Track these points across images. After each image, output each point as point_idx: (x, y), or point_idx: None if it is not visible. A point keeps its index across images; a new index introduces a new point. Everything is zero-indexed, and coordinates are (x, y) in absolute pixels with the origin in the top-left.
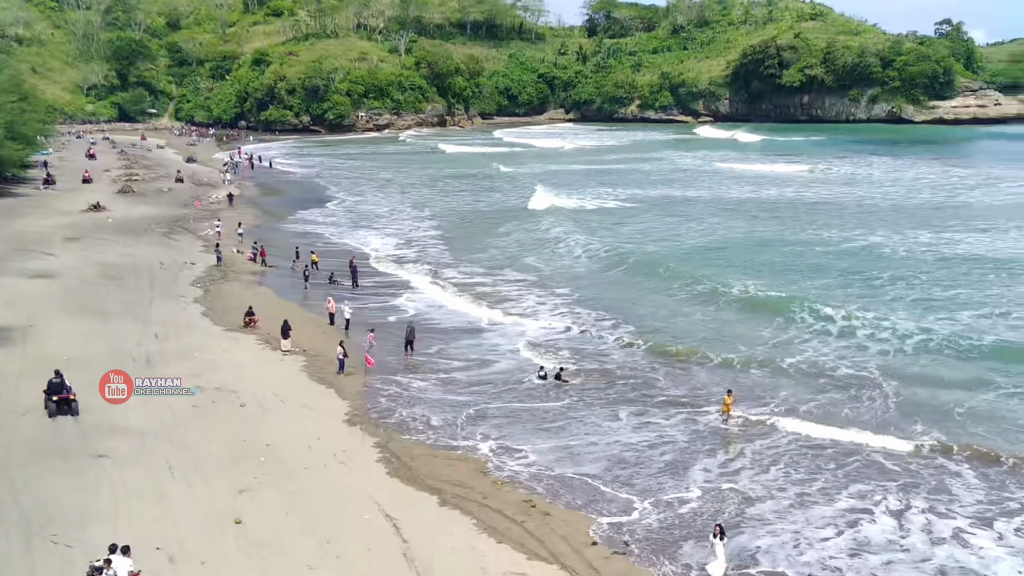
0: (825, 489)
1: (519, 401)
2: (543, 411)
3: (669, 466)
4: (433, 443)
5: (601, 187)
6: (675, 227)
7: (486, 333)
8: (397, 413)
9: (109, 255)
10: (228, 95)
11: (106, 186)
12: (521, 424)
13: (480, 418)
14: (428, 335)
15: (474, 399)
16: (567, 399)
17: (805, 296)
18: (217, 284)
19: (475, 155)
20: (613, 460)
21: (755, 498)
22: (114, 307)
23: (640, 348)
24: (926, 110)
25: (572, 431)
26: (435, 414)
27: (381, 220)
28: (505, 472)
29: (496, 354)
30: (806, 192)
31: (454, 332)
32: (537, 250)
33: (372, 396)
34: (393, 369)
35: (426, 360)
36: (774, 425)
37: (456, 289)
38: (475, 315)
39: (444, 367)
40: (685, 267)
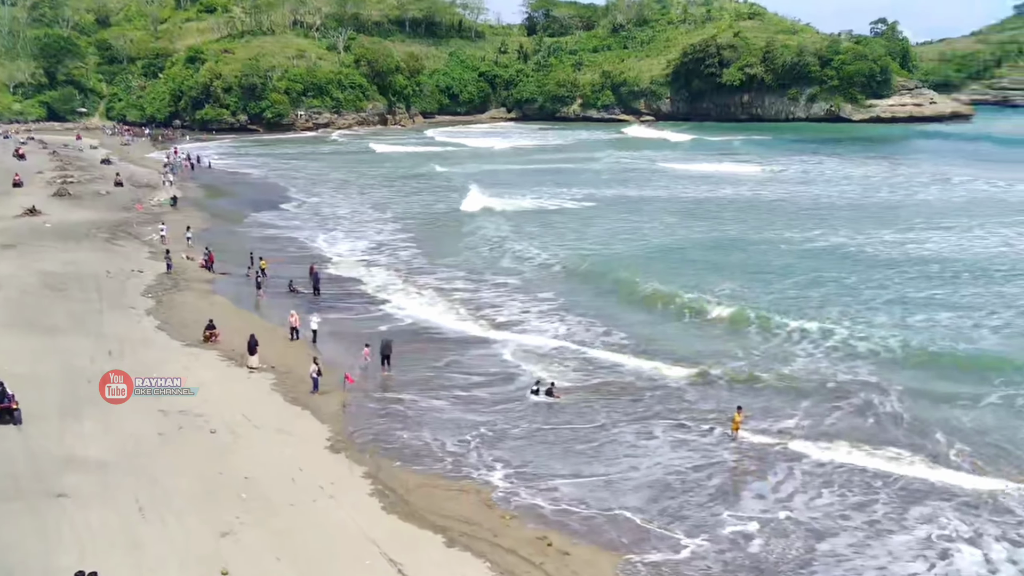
0: (890, 515)
1: (513, 421)
2: (539, 431)
3: (696, 491)
4: (429, 472)
5: (544, 187)
6: (636, 228)
7: (472, 344)
8: (384, 437)
9: (50, 263)
10: (161, 94)
11: (40, 189)
12: (524, 447)
13: (478, 441)
14: (408, 346)
15: (469, 419)
16: (563, 417)
17: (782, 301)
18: (169, 294)
19: (411, 155)
20: (637, 487)
21: (822, 530)
22: (61, 321)
23: (626, 359)
24: (864, 109)
25: (576, 454)
26: (428, 438)
27: (344, 222)
28: (512, 504)
29: (489, 367)
30: (762, 191)
31: (436, 343)
32: (493, 254)
33: (353, 418)
34: (372, 387)
35: (410, 376)
36: (788, 445)
37: (434, 296)
38: (458, 324)
39: (431, 383)
40: (650, 272)
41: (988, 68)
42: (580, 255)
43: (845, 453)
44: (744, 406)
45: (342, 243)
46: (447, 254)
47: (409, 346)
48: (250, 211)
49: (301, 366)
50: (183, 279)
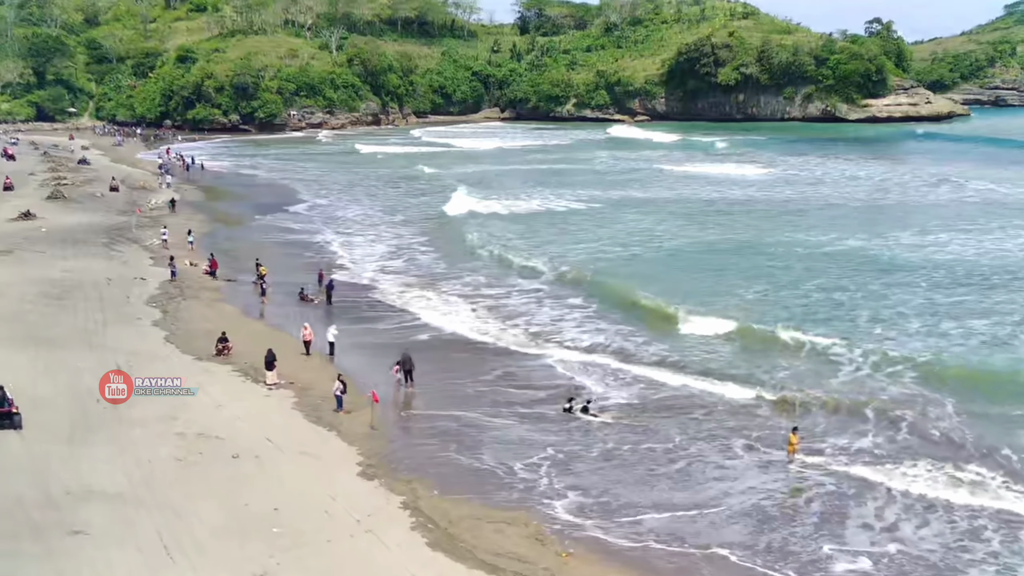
0: (1009, 545)
1: (558, 440)
2: (586, 452)
3: (793, 522)
4: (473, 500)
5: (548, 189)
6: (648, 230)
7: (513, 355)
8: (419, 460)
9: (48, 270)
10: (152, 93)
11: (33, 191)
12: (594, 471)
13: (546, 465)
14: (440, 359)
15: (512, 437)
16: (603, 435)
17: (812, 310)
18: (175, 303)
19: (407, 156)
20: (729, 518)
21: (946, 567)
22: (63, 333)
23: (670, 375)
24: (860, 108)
25: (657, 478)
26: (466, 460)
27: (353, 225)
28: (581, 539)
29: (525, 379)
30: (771, 192)
31: (474, 354)
32: (512, 258)
33: (384, 439)
34: (398, 405)
35: (448, 391)
36: (858, 468)
37: (457, 303)
38: (490, 334)
39: (460, 399)
40: (673, 279)
41: (981, 68)
42: (599, 259)
43: (926, 476)
44: (796, 426)
45: (354, 247)
46: (463, 258)
47: (441, 358)
48: (252, 214)
49: (321, 382)
50: (188, 287)
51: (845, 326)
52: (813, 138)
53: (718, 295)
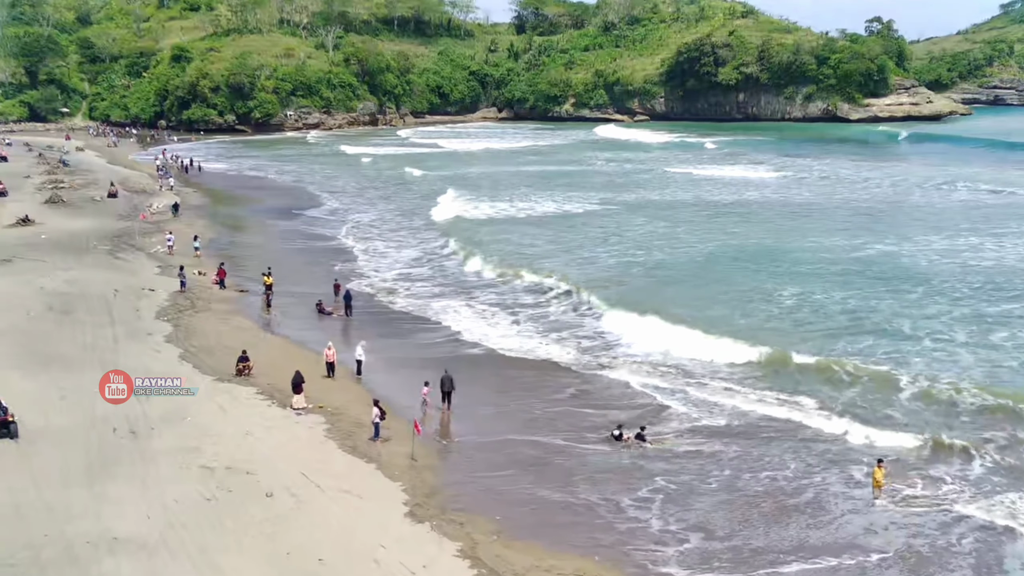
0: None
1: (667, 468)
2: (701, 483)
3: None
4: (549, 546)
5: (558, 192)
6: (669, 233)
7: (566, 370)
8: (473, 497)
9: (51, 280)
10: (146, 93)
11: (30, 195)
12: (690, 506)
13: (626, 498)
14: (479, 376)
15: (600, 464)
16: (643, 458)
17: (854, 321)
18: (187, 316)
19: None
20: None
21: None
22: (74, 352)
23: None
24: (861, 108)
25: (786, 513)
26: (542, 495)
27: (370, 230)
28: None
29: (600, 398)
30: (789, 194)
31: (519, 370)
32: (543, 263)
33: (428, 472)
34: (440, 432)
35: (493, 414)
36: (956, 506)
37: (496, 313)
38: (540, 348)
39: (524, 422)
40: (706, 289)
41: (979, 67)
42: (629, 264)
43: None
44: (881, 458)
45: (373, 253)
46: (491, 263)
47: (490, 377)
48: (259, 218)
49: (352, 405)
50: (199, 298)
51: (896, 345)
52: (815, 139)
53: (755, 309)
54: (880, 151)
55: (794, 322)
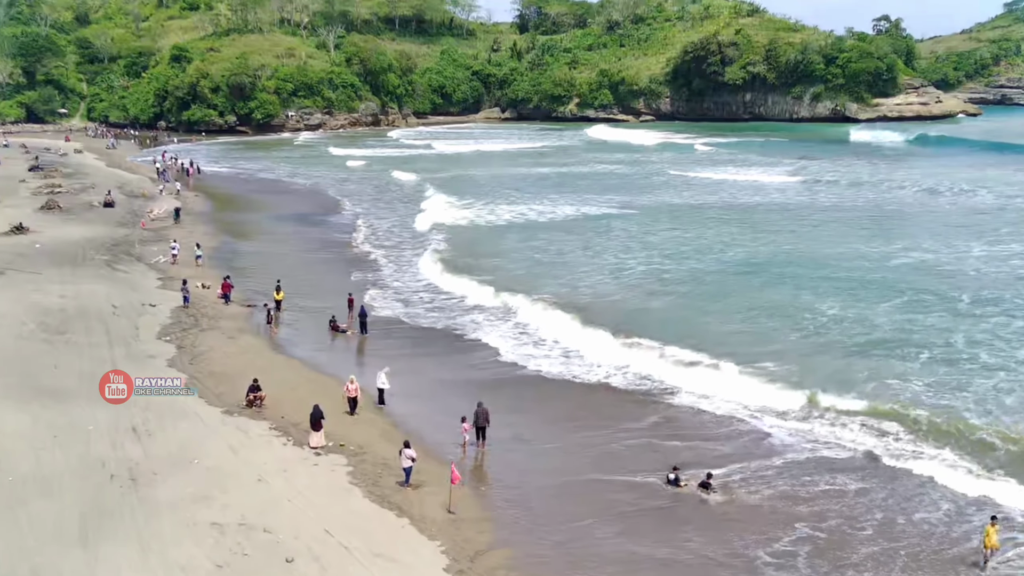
0: None
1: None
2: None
3: None
4: None
5: (577, 195)
6: (696, 240)
7: (632, 397)
8: (536, 561)
9: (45, 295)
10: (145, 93)
11: (25, 201)
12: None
13: (762, 552)
14: (526, 404)
15: (688, 514)
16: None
17: (902, 337)
18: (191, 336)
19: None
20: None
21: None
22: (66, 380)
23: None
24: (870, 108)
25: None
26: (613, 553)
27: (386, 237)
28: None
29: (690, 428)
30: (815, 197)
31: (563, 396)
32: (579, 271)
33: (471, 527)
34: (478, 473)
35: (551, 450)
36: None
37: (537, 330)
38: (584, 371)
39: (594, 459)
40: (748, 301)
41: (985, 66)
42: (661, 273)
43: None
44: (995, 515)
45: (392, 263)
46: (523, 273)
47: (540, 404)
48: (267, 224)
49: (375, 443)
50: (204, 315)
51: (957, 375)
52: (827, 141)
53: (805, 325)
54: (896, 153)
55: (850, 341)
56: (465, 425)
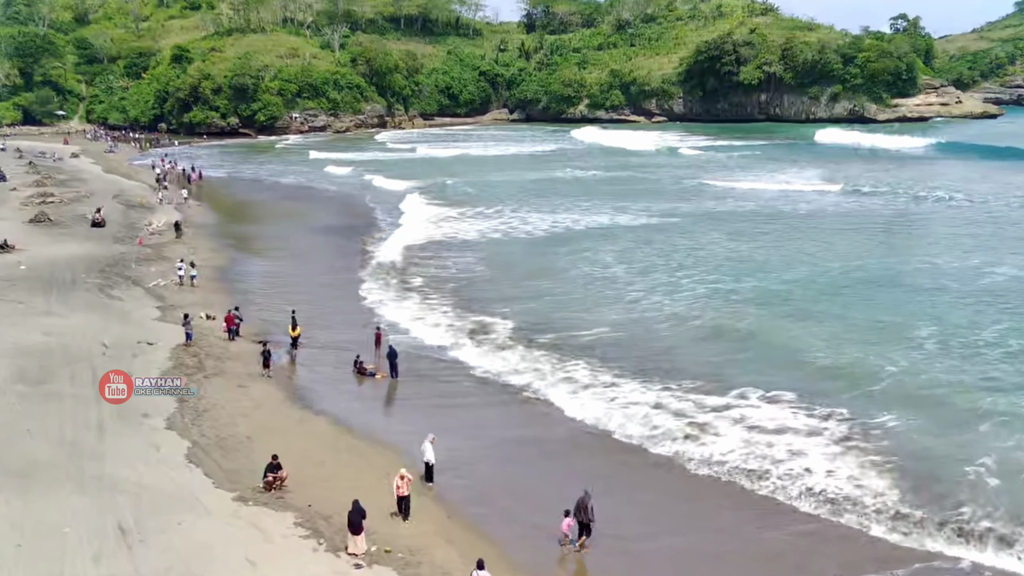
0: None
1: None
2: None
3: None
4: None
5: (605, 201)
6: (752, 258)
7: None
8: None
9: (26, 331)
10: (146, 95)
11: (14, 212)
12: None
13: None
14: (613, 488)
15: None
16: None
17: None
18: (195, 384)
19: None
20: None
21: None
22: (43, 454)
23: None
24: (889, 108)
25: None
26: None
27: (408, 257)
28: None
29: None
30: (871, 204)
31: (676, 479)
32: (626, 297)
33: None
34: None
35: (660, 557)
36: None
37: (602, 380)
38: (700, 433)
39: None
40: (826, 337)
41: (1001, 66)
42: (719, 292)
43: None
44: None
45: (423, 284)
46: (571, 302)
47: (645, 487)
48: (281, 239)
49: (429, 544)
50: (209, 355)
51: None
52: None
53: (913, 358)
54: (930, 158)
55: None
56: (567, 521)
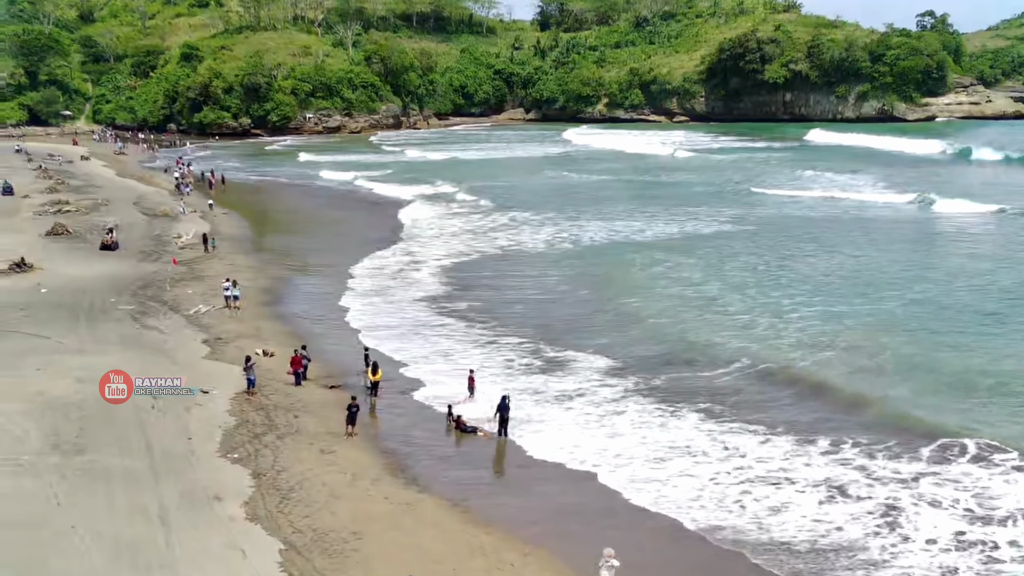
0: None
1: None
2: None
3: None
4: None
5: (644, 207)
6: (874, 280)
7: None
8: None
9: (55, 377)
10: (154, 94)
11: (28, 223)
12: None
13: None
14: None
15: None
16: None
17: None
18: (269, 452)
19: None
20: None
21: None
22: (95, 564)
23: None
24: (919, 108)
25: None
26: None
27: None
28: None
29: None
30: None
31: None
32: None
33: None
34: None
35: None
36: None
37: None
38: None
39: None
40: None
41: (1023, 64)
42: (846, 317)
43: None
44: None
45: (479, 315)
46: (676, 329)
47: None
48: (325, 252)
49: None
50: (277, 406)
51: None
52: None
53: None
54: (991, 165)
55: None
56: None
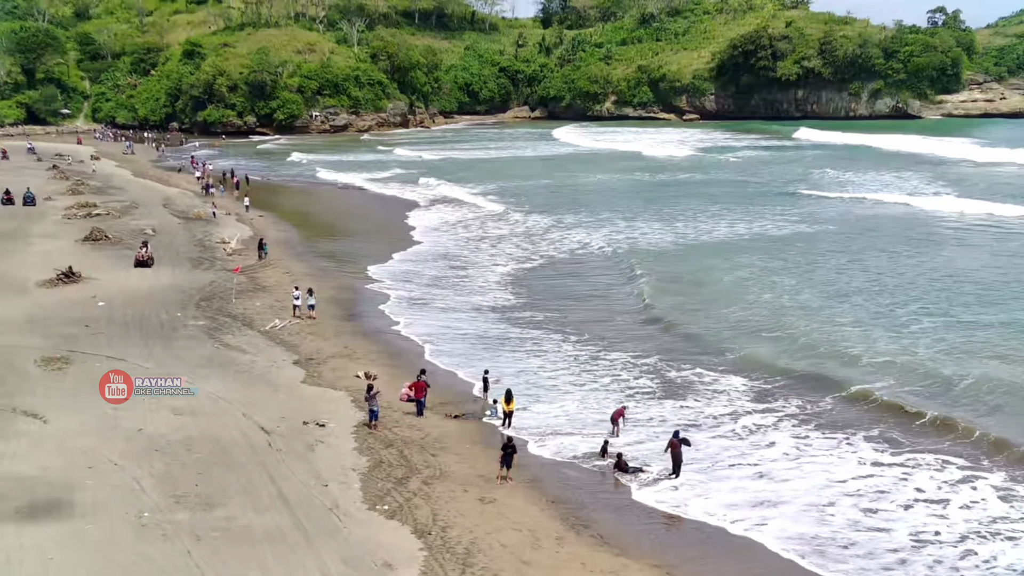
0: None
1: None
2: None
3: None
4: None
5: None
6: (950, 301)
7: None
8: None
9: (149, 411)
10: (156, 92)
11: (60, 227)
12: None
13: None
14: None
15: None
16: None
17: None
18: (423, 500)
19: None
20: None
21: None
22: None
23: None
24: (934, 105)
25: None
26: None
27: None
28: None
29: None
30: None
31: None
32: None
33: None
34: None
35: None
36: None
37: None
38: None
39: None
40: None
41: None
42: (977, 332)
43: None
44: None
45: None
46: (790, 342)
47: None
48: (388, 257)
49: None
50: (408, 442)
51: None
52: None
53: None
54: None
55: None
56: None
